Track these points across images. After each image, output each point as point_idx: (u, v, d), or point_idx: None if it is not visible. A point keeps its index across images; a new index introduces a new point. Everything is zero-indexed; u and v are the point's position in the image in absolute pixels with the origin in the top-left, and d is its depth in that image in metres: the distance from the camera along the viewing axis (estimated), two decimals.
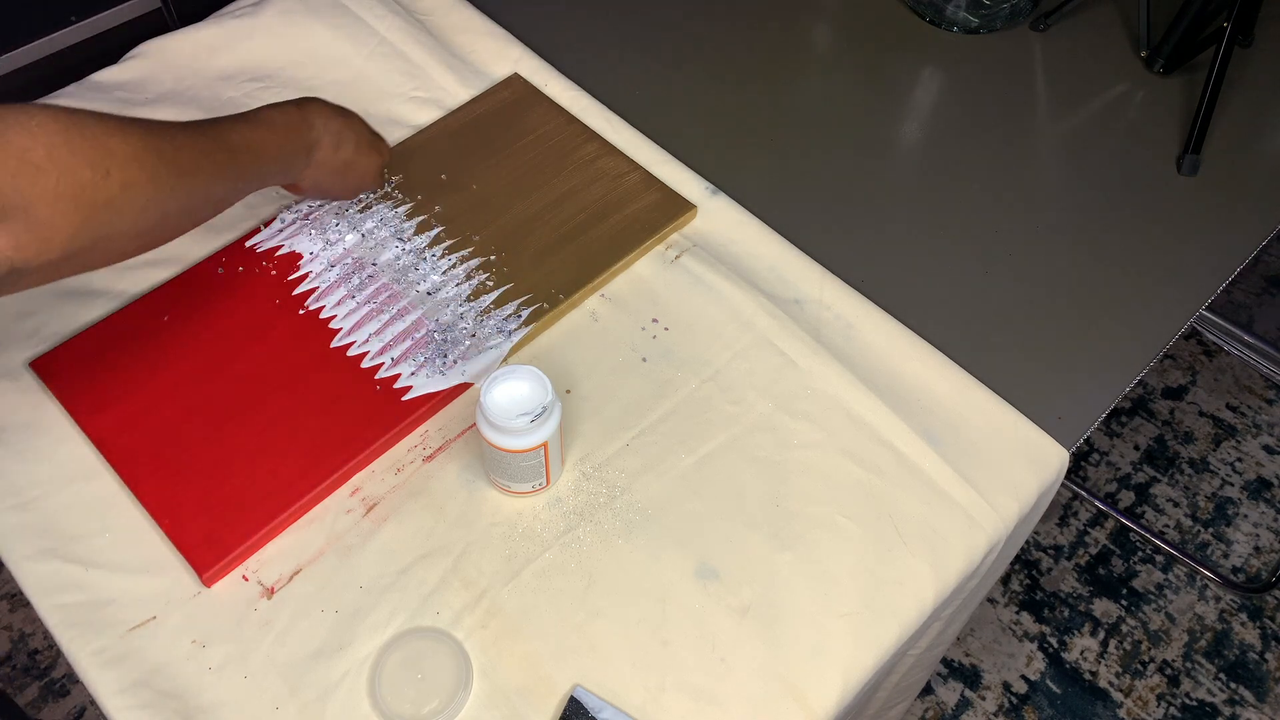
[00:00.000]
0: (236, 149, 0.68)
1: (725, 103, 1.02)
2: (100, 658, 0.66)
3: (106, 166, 0.57)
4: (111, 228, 0.58)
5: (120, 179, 0.57)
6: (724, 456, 0.76)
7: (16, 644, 1.47)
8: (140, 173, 0.59)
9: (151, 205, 0.60)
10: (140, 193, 0.59)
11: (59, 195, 0.55)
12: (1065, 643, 1.51)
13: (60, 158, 0.55)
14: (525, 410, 0.67)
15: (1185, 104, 1.04)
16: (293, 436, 0.75)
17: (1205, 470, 1.68)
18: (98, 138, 0.57)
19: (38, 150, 0.54)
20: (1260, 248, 0.93)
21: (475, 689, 0.66)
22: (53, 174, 0.54)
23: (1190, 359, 1.82)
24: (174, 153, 0.62)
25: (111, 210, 0.58)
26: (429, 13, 1.07)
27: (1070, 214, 0.94)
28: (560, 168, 0.92)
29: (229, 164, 0.67)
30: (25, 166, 0.53)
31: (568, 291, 0.83)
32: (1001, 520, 0.75)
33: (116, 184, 0.57)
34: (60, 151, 0.55)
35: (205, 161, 0.65)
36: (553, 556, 0.71)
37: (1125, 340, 0.85)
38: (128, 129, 0.59)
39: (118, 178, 0.57)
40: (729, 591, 0.70)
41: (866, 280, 0.87)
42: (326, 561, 0.71)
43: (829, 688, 0.67)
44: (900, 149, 1.01)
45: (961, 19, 1.09)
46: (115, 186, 0.57)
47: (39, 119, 0.55)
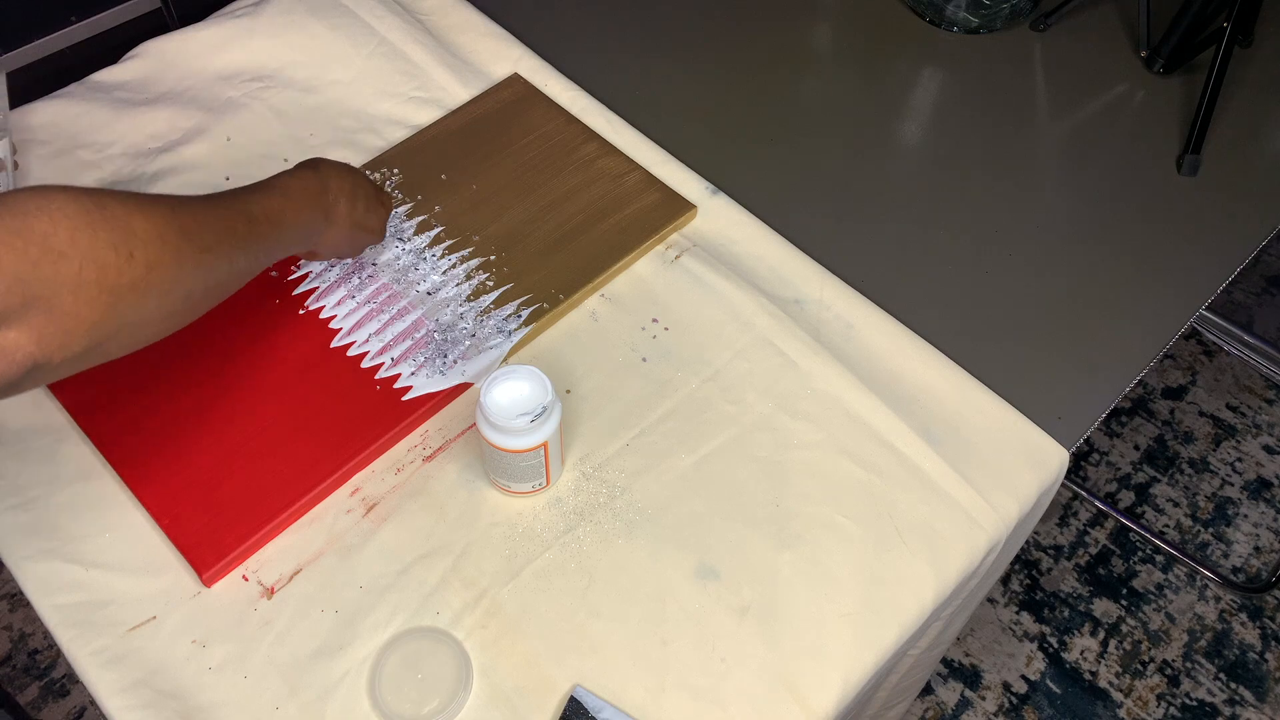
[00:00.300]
0: (257, 219, 0.66)
1: (725, 103, 1.02)
2: (100, 658, 0.66)
3: (130, 248, 0.54)
4: (136, 313, 0.56)
5: (144, 259, 0.55)
6: (724, 456, 0.76)
7: (16, 644, 1.47)
8: (164, 252, 0.57)
9: (176, 285, 0.58)
10: (165, 273, 0.57)
11: (82, 282, 0.52)
12: (1065, 643, 1.51)
13: (82, 242, 0.52)
14: (525, 410, 0.67)
15: (1185, 104, 1.04)
16: (293, 436, 0.75)
17: (1205, 470, 1.68)
18: (120, 218, 0.54)
19: (60, 235, 0.51)
20: (1260, 248, 0.93)
21: (475, 689, 0.66)
22: (75, 260, 0.52)
23: (1190, 359, 1.82)
24: (197, 228, 0.60)
25: (136, 293, 0.55)
26: (429, 13, 1.07)
27: (1070, 214, 0.94)
28: (560, 168, 0.92)
29: (250, 235, 0.65)
30: (48, 254, 0.51)
31: (568, 291, 0.83)
32: (1001, 520, 0.75)
33: (140, 265, 0.55)
34: (82, 235, 0.52)
35: (227, 235, 0.63)
36: (553, 556, 0.71)
37: (1125, 340, 0.85)
38: (150, 207, 0.57)
39: (141, 259, 0.55)
40: (729, 591, 0.70)
41: (866, 280, 0.87)
42: (326, 561, 0.71)
43: (829, 688, 0.67)
44: (900, 149, 1.01)
45: (961, 19, 1.09)
46: (139, 268, 0.55)
47: (59, 201, 0.52)
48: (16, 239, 0.50)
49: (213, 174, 0.92)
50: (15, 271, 0.49)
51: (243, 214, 0.65)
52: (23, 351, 0.51)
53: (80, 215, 0.52)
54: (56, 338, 0.52)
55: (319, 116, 0.97)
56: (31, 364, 0.52)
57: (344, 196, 0.75)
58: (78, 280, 0.52)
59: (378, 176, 0.91)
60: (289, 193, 0.70)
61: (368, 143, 0.95)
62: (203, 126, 0.95)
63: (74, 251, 0.52)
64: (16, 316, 0.50)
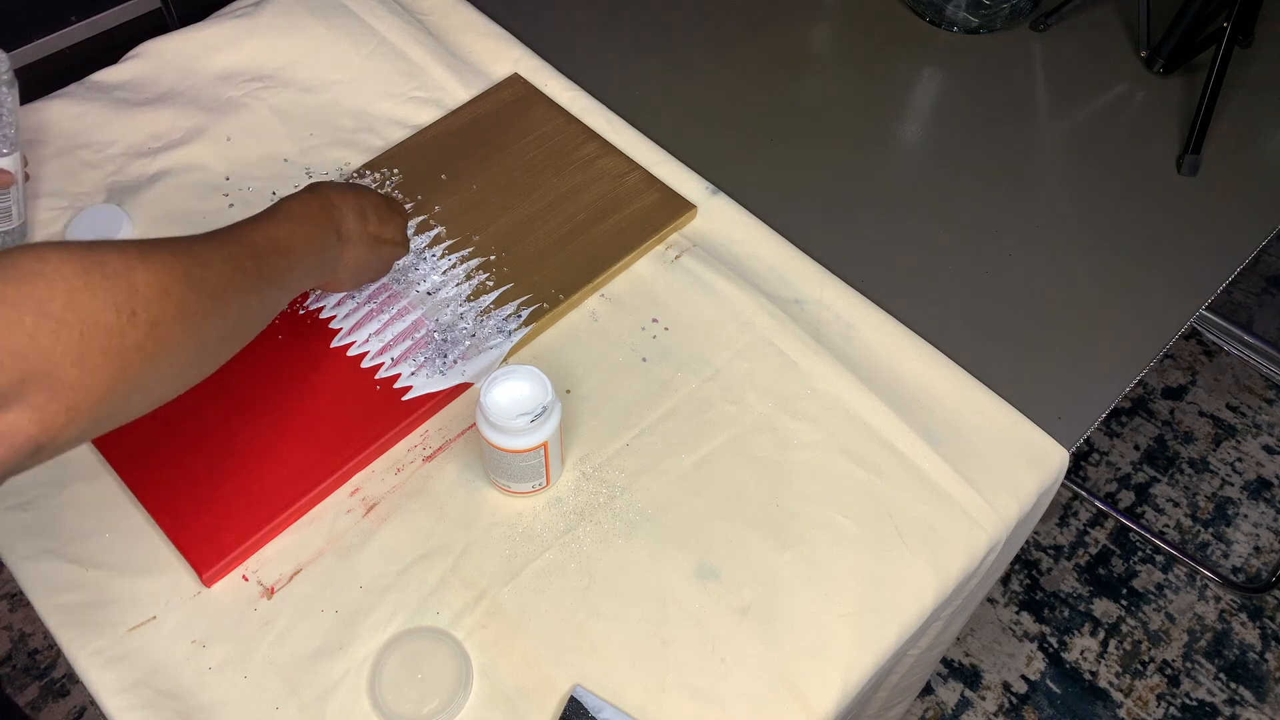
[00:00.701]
0: (264, 251, 0.62)
1: (725, 103, 1.02)
2: (100, 658, 0.66)
3: (132, 306, 0.50)
4: (146, 376, 0.51)
5: (147, 317, 0.50)
6: (724, 456, 0.76)
7: (16, 644, 1.47)
8: (168, 305, 0.52)
9: (186, 339, 0.54)
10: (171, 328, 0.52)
11: (85, 350, 0.47)
12: (1065, 643, 1.51)
13: (81, 304, 0.47)
14: (525, 410, 0.67)
15: (1185, 104, 1.04)
16: (293, 436, 0.75)
17: (1205, 470, 1.68)
18: (120, 274, 0.50)
19: (56, 300, 0.46)
20: (1260, 248, 0.93)
21: (475, 689, 0.66)
22: (75, 326, 0.47)
23: (1190, 359, 1.82)
24: (201, 273, 0.55)
25: (143, 355, 0.50)
26: (429, 13, 1.07)
27: (1070, 214, 0.94)
28: (560, 168, 0.92)
29: (260, 271, 0.61)
30: (45, 321, 0.46)
31: (568, 291, 0.83)
32: (1001, 520, 0.75)
33: (144, 324, 0.50)
34: (81, 297, 0.47)
35: (235, 275, 0.58)
36: (553, 556, 0.71)
37: (1125, 340, 0.85)
38: (149, 256, 0.52)
39: (144, 316, 0.50)
40: (729, 591, 0.70)
41: (866, 280, 0.87)
42: (326, 561, 0.71)
43: (829, 688, 0.67)
44: (900, 149, 1.01)
45: (961, 19, 1.09)
46: (143, 327, 0.50)
47: (54, 262, 0.47)
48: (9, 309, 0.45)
49: (213, 174, 0.92)
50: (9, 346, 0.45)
51: (248, 248, 0.61)
52: (23, 434, 0.46)
53: (78, 276, 0.48)
54: (60, 415, 0.47)
55: (319, 116, 0.97)
56: (34, 446, 0.47)
57: (350, 211, 0.71)
58: (80, 349, 0.47)
59: (378, 176, 0.91)
60: (293, 216, 0.66)
61: (368, 143, 0.95)
62: (203, 126, 0.95)
63: (73, 317, 0.47)
64: (14, 395, 0.45)
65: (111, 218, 0.87)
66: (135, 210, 0.89)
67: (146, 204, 0.90)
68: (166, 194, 0.91)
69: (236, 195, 0.91)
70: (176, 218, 0.89)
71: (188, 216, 0.89)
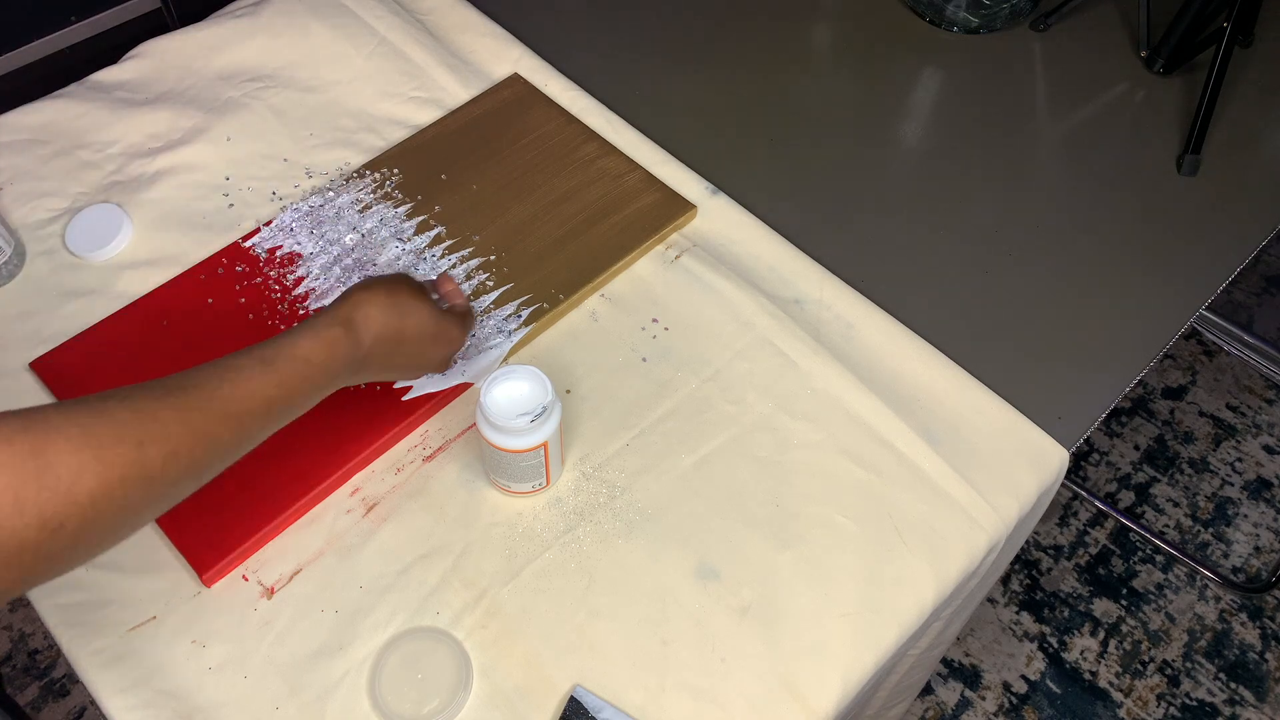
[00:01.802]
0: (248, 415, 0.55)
1: (725, 103, 1.02)
2: (100, 658, 0.66)
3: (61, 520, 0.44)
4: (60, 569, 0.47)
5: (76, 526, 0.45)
6: (724, 456, 0.76)
7: (16, 644, 1.47)
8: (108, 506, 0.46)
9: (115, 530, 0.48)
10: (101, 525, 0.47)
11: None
12: (1065, 643, 1.51)
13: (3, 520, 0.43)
14: (525, 410, 0.67)
15: (1185, 104, 1.04)
16: (292, 437, 0.74)
17: (1205, 470, 1.68)
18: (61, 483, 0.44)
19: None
20: (1260, 248, 0.93)
21: (475, 689, 0.66)
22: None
23: (1190, 359, 1.82)
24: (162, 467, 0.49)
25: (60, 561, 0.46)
26: (429, 13, 1.07)
27: (1070, 214, 0.94)
28: (560, 168, 0.92)
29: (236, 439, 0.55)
30: None
31: (568, 291, 0.83)
32: (1001, 520, 0.74)
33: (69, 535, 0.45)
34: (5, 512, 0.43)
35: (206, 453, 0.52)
36: (553, 556, 0.71)
37: (1125, 340, 0.85)
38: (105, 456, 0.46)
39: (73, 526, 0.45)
40: (729, 591, 0.70)
41: (866, 280, 0.87)
42: (326, 561, 0.71)
43: (829, 688, 0.67)
44: (900, 149, 1.01)
45: (961, 19, 1.09)
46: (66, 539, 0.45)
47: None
48: None
49: (213, 174, 0.92)
50: None
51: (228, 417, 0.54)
52: None
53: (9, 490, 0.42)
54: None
55: (319, 116, 0.97)
56: None
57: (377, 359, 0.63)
58: None
59: (378, 176, 0.91)
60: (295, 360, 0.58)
61: (368, 143, 0.95)
62: (203, 126, 0.95)
63: None
64: None
65: (111, 218, 0.87)
66: (135, 210, 0.89)
67: (146, 204, 0.90)
68: (166, 194, 0.91)
69: (236, 195, 0.91)
70: (176, 218, 0.89)
71: (188, 216, 0.89)
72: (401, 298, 0.65)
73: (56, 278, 0.85)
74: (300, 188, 0.91)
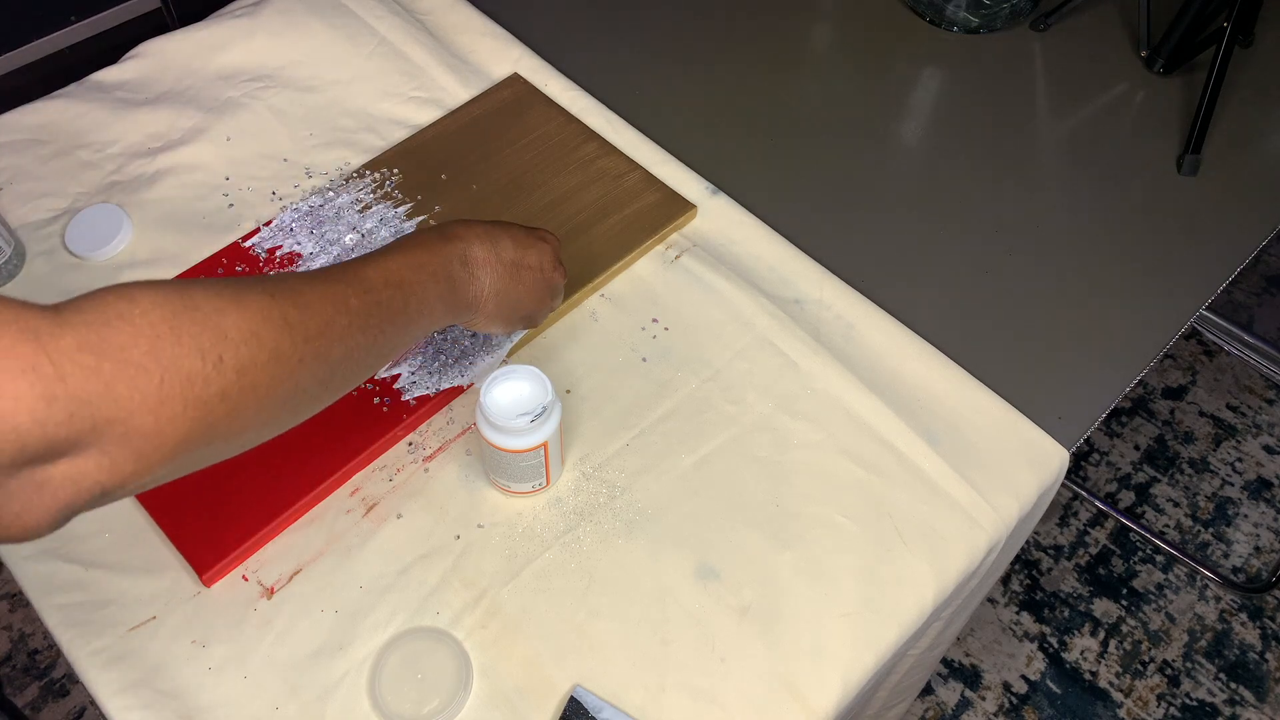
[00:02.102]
0: (375, 286, 0.57)
1: (725, 103, 1.02)
2: (100, 658, 0.66)
3: (219, 352, 0.47)
4: (228, 424, 0.48)
5: (235, 363, 0.47)
6: (724, 456, 0.76)
7: (16, 644, 1.47)
8: (259, 351, 0.48)
9: (278, 386, 0.50)
10: (262, 375, 0.49)
11: (163, 398, 0.44)
12: (1065, 643, 1.51)
13: (165, 351, 0.44)
14: (525, 410, 0.67)
15: (1185, 104, 1.04)
16: (292, 437, 0.74)
17: (1205, 470, 1.68)
18: (210, 317, 0.47)
19: (140, 347, 0.44)
20: (1260, 248, 0.93)
21: (475, 689, 0.66)
22: (156, 373, 0.44)
23: (1190, 359, 1.82)
24: (299, 315, 0.51)
25: (227, 403, 0.47)
26: (429, 13, 1.07)
27: (1070, 214, 0.94)
28: (560, 168, 0.92)
29: (369, 309, 0.56)
30: (124, 369, 0.43)
31: (568, 291, 0.83)
32: (1001, 520, 0.74)
33: (232, 370, 0.47)
34: (165, 343, 0.45)
35: (338, 315, 0.54)
36: (553, 556, 0.71)
37: (1125, 340, 0.85)
38: (244, 298, 0.49)
39: (232, 363, 0.47)
40: (729, 591, 0.70)
41: (866, 280, 0.87)
42: (326, 561, 0.71)
43: (829, 688, 0.67)
44: (900, 149, 1.01)
45: (961, 19, 1.09)
46: (230, 374, 0.47)
47: (143, 305, 0.45)
48: (88, 355, 0.42)
49: (213, 174, 0.92)
50: (83, 394, 0.42)
51: (356, 284, 0.56)
52: (90, 479, 0.44)
53: (165, 322, 0.45)
54: (130, 463, 0.45)
55: (319, 116, 0.97)
56: (101, 491, 0.45)
57: (476, 239, 0.66)
58: (159, 397, 0.44)
59: (378, 176, 0.91)
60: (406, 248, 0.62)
61: (368, 143, 0.95)
62: (203, 126, 0.95)
63: (154, 364, 0.44)
64: (86, 442, 0.43)
65: (111, 218, 0.87)
66: (135, 210, 0.89)
67: (146, 204, 0.90)
68: (166, 194, 0.91)
69: (236, 195, 0.91)
70: (176, 218, 0.89)
71: (188, 216, 0.89)
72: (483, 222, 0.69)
73: (56, 278, 0.85)
74: (300, 188, 0.91)
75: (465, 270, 0.65)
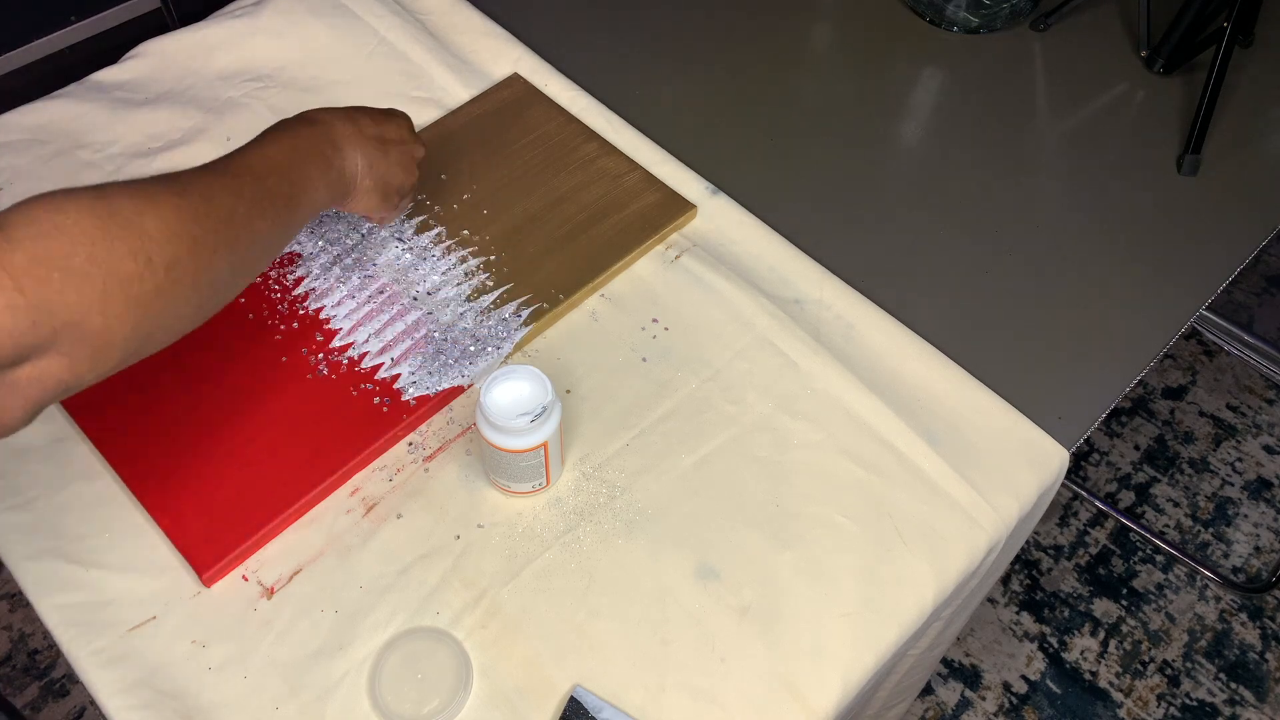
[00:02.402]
0: (261, 174, 0.62)
1: (725, 103, 1.02)
2: (100, 658, 0.66)
3: (148, 253, 0.52)
4: (165, 315, 0.54)
5: (163, 261, 0.52)
6: (724, 456, 0.76)
7: (16, 644, 1.47)
8: (180, 246, 0.53)
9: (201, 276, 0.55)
10: (187, 268, 0.54)
11: (108, 299, 0.50)
12: (1065, 643, 1.51)
13: (101, 257, 0.50)
14: (525, 410, 0.67)
15: (1185, 104, 1.04)
16: (292, 437, 0.75)
17: (1205, 470, 1.68)
18: (132, 221, 0.51)
19: (79, 254, 0.49)
20: (1260, 248, 0.93)
21: (475, 689, 0.66)
22: (98, 278, 0.49)
23: (1190, 359, 1.82)
24: (206, 208, 0.56)
25: (163, 298, 0.53)
26: (429, 13, 1.07)
27: (1070, 214, 0.94)
28: (560, 168, 0.92)
29: (261, 196, 0.61)
30: (70, 277, 0.48)
31: (568, 291, 0.83)
32: (1001, 520, 0.74)
33: (161, 268, 0.52)
34: (100, 249, 0.50)
35: (238, 204, 0.59)
36: (553, 556, 0.71)
37: (1125, 340, 0.85)
38: (158, 198, 0.53)
39: (160, 260, 0.52)
40: (729, 591, 0.70)
41: (866, 280, 0.87)
42: (326, 561, 0.71)
43: (829, 688, 0.67)
44: (900, 149, 1.01)
45: (961, 19, 1.09)
46: (160, 271, 0.52)
47: (73, 215, 0.49)
48: (39, 267, 0.47)
49: None
50: (42, 302, 0.47)
51: (244, 174, 0.61)
52: (54, 378, 0.50)
53: (96, 228, 0.50)
54: (87, 359, 0.51)
55: None
56: (63, 387, 0.51)
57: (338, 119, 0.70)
58: (104, 298, 0.50)
59: None
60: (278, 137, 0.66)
61: None
62: (203, 126, 0.95)
63: (95, 270, 0.49)
64: (46, 346, 0.48)
65: None
66: None
67: None
68: None
69: None
70: None
71: None
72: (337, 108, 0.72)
73: None
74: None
75: (335, 149, 0.69)
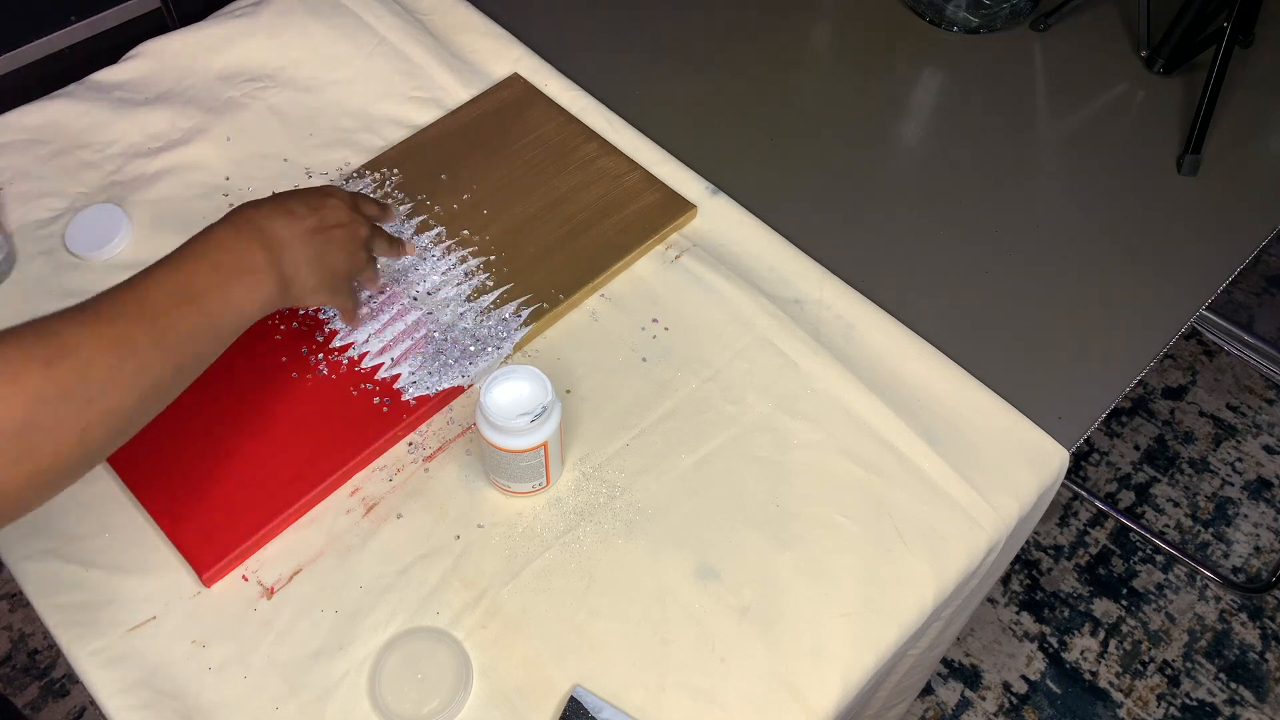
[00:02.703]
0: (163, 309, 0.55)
1: (725, 103, 1.02)
2: (100, 658, 0.66)
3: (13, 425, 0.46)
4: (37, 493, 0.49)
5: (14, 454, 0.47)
6: (724, 456, 0.76)
7: (16, 644, 1.47)
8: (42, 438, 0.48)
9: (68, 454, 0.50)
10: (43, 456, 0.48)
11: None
12: (1065, 643, 1.51)
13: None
14: (525, 410, 0.67)
15: (1185, 104, 1.04)
16: (292, 437, 0.75)
17: (1205, 470, 1.68)
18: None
19: None
20: (1260, 248, 0.93)
21: (475, 689, 0.66)
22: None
23: (1190, 359, 1.82)
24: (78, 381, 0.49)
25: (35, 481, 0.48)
26: (429, 13, 1.07)
27: (1070, 214, 0.94)
28: (560, 168, 0.92)
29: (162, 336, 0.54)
30: None
31: (568, 291, 0.83)
32: (1001, 520, 0.74)
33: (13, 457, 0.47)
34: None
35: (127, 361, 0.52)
36: (553, 556, 0.71)
37: (1125, 340, 0.85)
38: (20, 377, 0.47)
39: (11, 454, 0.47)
40: (729, 591, 0.70)
41: (866, 280, 0.87)
42: (326, 561, 0.71)
43: (829, 688, 0.67)
44: (900, 149, 1.01)
45: (961, 19, 1.09)
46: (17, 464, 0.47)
47: None
48: None
49: (213, 174, 0.92)
50: None
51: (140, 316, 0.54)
52: None
53: None
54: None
55: (319, 116, 0.97)
56: None
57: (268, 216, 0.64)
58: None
59: (378, 176, 0.91)
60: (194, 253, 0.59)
61: (368, 143, 0.95)
62: (203, 126, 0.95)
63: None
64: None
65: (111, 218, 0.87)
66: (135, 210, 0.89)
67: (146, 204, 0.90)
68: (166, 194, 0.91)
69: (236, 195, 0.91)
70: (176, 218, 0.89)
71: (188, 216, 0.89)
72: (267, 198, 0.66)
73: (56, 278, 0.85)
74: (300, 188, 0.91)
75: (269, 254, 0.63)
